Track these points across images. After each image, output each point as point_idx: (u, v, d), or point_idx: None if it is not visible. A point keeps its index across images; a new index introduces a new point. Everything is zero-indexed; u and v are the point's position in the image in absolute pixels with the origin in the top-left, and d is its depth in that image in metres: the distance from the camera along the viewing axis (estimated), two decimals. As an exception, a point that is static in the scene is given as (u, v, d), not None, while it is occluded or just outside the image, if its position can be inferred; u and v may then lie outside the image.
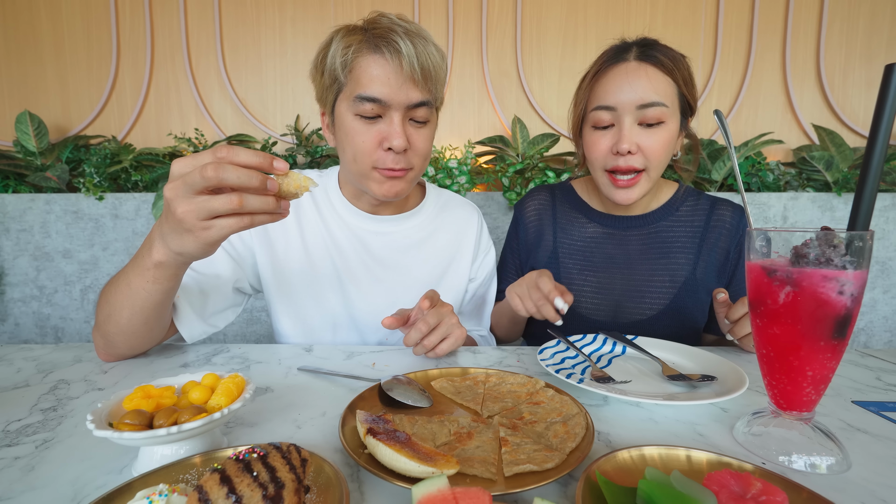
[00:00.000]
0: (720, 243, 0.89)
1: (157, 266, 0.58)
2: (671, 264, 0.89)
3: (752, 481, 0.33)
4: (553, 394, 0.54)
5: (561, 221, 0.96)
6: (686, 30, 1.83)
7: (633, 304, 0.89)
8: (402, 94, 0.72)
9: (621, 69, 0.79)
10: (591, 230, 0.94)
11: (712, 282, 0.89)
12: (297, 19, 1.83)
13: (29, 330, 1.72)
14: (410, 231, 0.92)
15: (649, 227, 0.91)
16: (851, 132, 1.82)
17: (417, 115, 0.76)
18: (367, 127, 0.75)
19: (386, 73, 0.71)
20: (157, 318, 0.67)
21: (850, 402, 0.57)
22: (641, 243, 0.91)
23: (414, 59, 0.70)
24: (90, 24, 1.82)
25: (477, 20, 1.84)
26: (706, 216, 0.90)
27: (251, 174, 0.48)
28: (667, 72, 0.78)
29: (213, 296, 0.80)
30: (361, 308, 0.89)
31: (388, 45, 0.71)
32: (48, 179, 1.64)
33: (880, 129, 0.40)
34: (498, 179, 1.72)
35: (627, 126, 0.79)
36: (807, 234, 0.41)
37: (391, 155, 0.75)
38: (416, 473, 0.36)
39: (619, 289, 0.89)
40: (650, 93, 0.77)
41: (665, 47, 0.80)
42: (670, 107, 0.78)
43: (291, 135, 1.80)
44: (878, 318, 1.69)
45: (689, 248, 0.89)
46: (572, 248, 0.94)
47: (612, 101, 0.79)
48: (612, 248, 0.91)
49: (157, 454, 0.41)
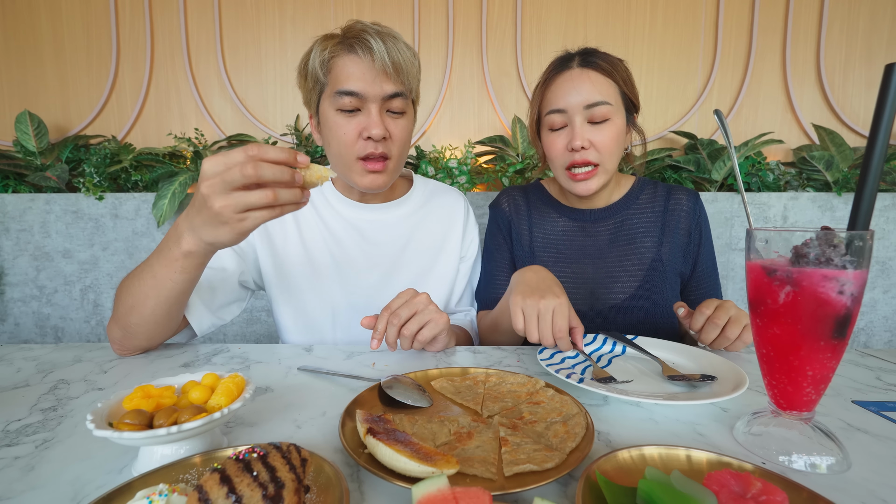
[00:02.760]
0: (681, 225, 0.97)
1: (186, 256, 0.62)
2: (638, 249, 0.96)
3: (752, 481, 0.33)
4: (553, 394, 0.54)
5: (535, 217, 1.03)
6: (686, 30, 1.83)
7: (605, 289, 0.95)
8: (377, 86, 0.80)
9: (567, 76, 0.89)
10: (563, 224, 1.01)
11: (678, 261, 0.97)
12: (297, 19, 1.83)
13: (29, 330, 1.72)
14: (401, 217, 0.98)
15: (614, 217, 0.99)
16: (851, 132, 1.82)
17: (393, 105, 0.83)
18: (348, 120, 0.82)
19: (361, 69, 0.79)
20: (178, 308, 0.72)
21: (850, 401, 0.57)
22: (609, 233, 0.98)
23: (385, 54, 0.78)
24: (90, 24, 1.82)
25: (477, 20, 1.84)
26: (664, 202, 0.99)
27: (283, 170, 0.53)
28: (607, 74, 0.88)
29: (220, 289, 0.85)
30: (360, 294, 0.93)
31: (361, 43, 0.78)
32: (48, 179, 1.64)
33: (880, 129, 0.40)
34: (498, 179, 1.73)
35: (578, 125, 0.87)
36: (807, 233, 0.41)
37: (371, 143, 0.82)
38: (416, 473, 0.35)
39: (591, 277, 0.96)
40: (594, 94, 0.86)
41: (604, 54, 0.90)
42: (614, 105, 0.87)
43: (291, 134, 1.80)
44: (878, 318, 1.69)
45: (652, 233, 0.97)
46: (546, 241, 1.01)
47: (563, 104, 0.88)
48: (583, 240, 0.99)
49: (157, 454, 0.41)
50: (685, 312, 0.77)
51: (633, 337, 0.76)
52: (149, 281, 0.66)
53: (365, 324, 0.71)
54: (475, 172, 1.75)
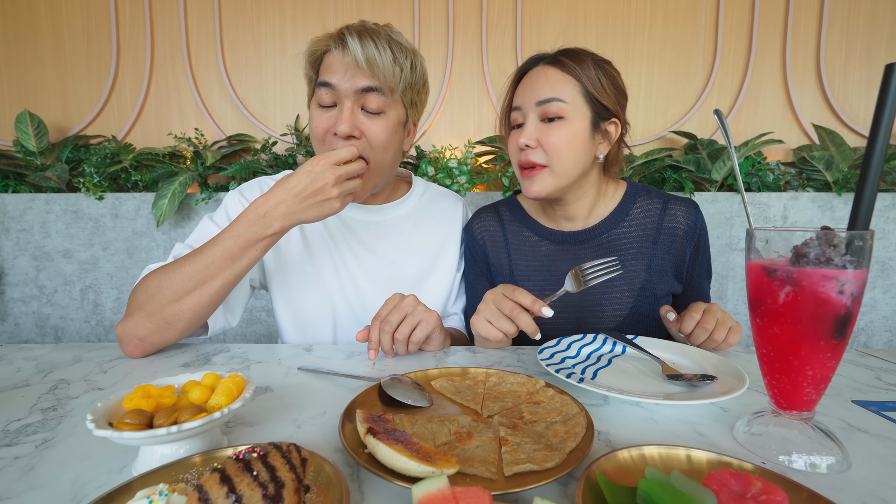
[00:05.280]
0: (675, 244, 0.89)
1: (274, 235, 0.73)
2: (627, 272, 0.88)
3: (752, 481, 0.33)
4: (553, 393, 0.54)
5: (513, 243, 0.96)
6: (686, 30, 1.83)
7: (594, 318, 0.89)
8: (349, 79, 0.80)
9: (529, 74, 0.87)
10: (545, 249, 0.94)
11: (669, 282, 0.90)
12: (297, 19, 1.83)
13: (29, 330, 1.72)
14: (399, 219, 0.98)
15: (600, 237, 0.91)
16: (851, 132, 1.82)
17: (369, 103, 0.81)
18: (322, 113, 0.83)
19: (337, 63, 0.80)
20: (229, 292, 0.77)
21: (850, 401, 0.57)
22: (595, 255, 0.91)
23: (359, 49, 0.78)
24: (90, 24, 1.82)
25: (477, 20, 1.83)
26: (658, 217, 0.90)
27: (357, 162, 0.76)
28: (567, 71, 0.82)
29: (234, 289, 0.85)
30: (359, 296, 0.93)
31: (340, 40, 0.80)
32: (48, 179, 1.64)
33: (880, 128, 0.40)
34: (498, 179, 1.72)
35: (529, 122, 0.84)
36: (807, 233, 0.41)
37: (339, 141, 0.80)
38: (416, 473, 0.35)
39: (577, 304, 0.89)
40: (547, 90, 0.82)
41: (578, 52, 0.85)
42: (570, 103, 0.81)
43: (291, 134, 1.80)
44: (878, 318, 1.69)
45: (642, 253, 0.89)
46: (528, 269, 0.94)
47: (518, 101, 0.86)
48: (567, 265, 0.91)
49: (157, 454, 0.41)
50: (675, 318, 0.77)
51: (633, 337, 0.76)
52: (221, 263, 0.71)
53: (360, 338, 0.72)
54: (475, 172, 1.75)
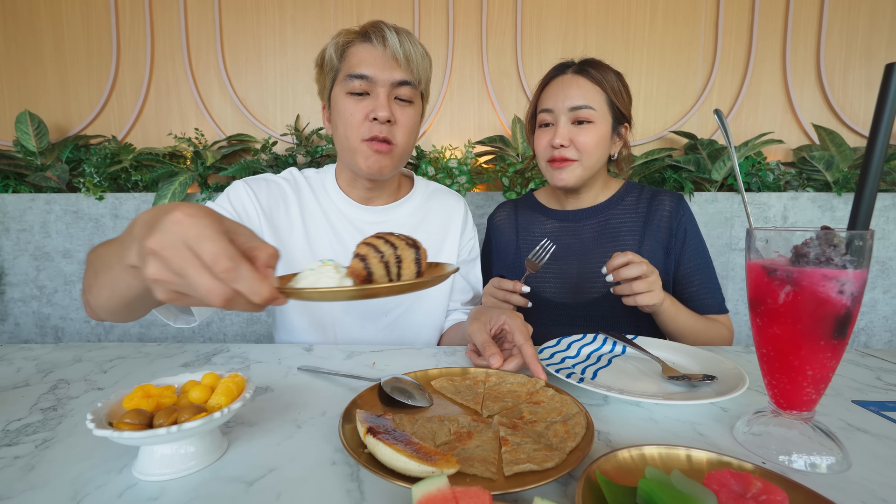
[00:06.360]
0: (662, 223, 1.02)
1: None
2: (620, 246, 1.02)
3: (752, 481, 0.33)
4: (553, 393, 0.54)
5: (523, 223, 1.13)
6: (686, 30, 1.83)
7: (589, 284, 1.00)
8: (387, 72, 0.84)
9: (560, 80, 0.99)
10: (550, 226, 1.09)
11: (659, 258, 1.01)
12: (297, 19, 1.83)
13: (29, 330, 1.72)
14: (402, 219, 1.00)
15: (599, 216, 1.05)
16: (851, 132, 1.82)
17: (402, 93, 0.86)
18: (357, 103, 0.85)
19: (373, 56, 0.84)
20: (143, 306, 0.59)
21: (850, 401, 0.57)
22: (594, 231, 1.05)
23: (398, 45, 0.82)
24: (90, 24, 1.82)
25: (477, 20, 1.83)
26: (648, 204, 1.04)
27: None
28: (595, 83, 0.96)
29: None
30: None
31: (377, 33, 0.84)
32: (48, 179, 1.64)
33: (880, 128, 0.40)
34: (498, 179, 1.72)
35: (562, 124, 0.96)
36: (807, 233, 0.41)
37: (377, 126, 0.84)
38: (416, 473, 0.35)
39: (576, 273, 1.02)
40: (579, 98, 0.95)
41: (601, 64, 0.98)
42: (598, 110, 0.95)
43: (291, 135, 1.80)
44: (878, 318, 1.69)
45: (634, 231, 1.03)
46: (533, 243, 1.08)
47: (551, 104, 0.98)
48: (569, 239, 1.06)
49: (157, 454, 0.41)
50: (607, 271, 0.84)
51: (633, 337, 0.76)
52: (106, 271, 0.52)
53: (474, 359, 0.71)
54: (475, 172, 1.75)
